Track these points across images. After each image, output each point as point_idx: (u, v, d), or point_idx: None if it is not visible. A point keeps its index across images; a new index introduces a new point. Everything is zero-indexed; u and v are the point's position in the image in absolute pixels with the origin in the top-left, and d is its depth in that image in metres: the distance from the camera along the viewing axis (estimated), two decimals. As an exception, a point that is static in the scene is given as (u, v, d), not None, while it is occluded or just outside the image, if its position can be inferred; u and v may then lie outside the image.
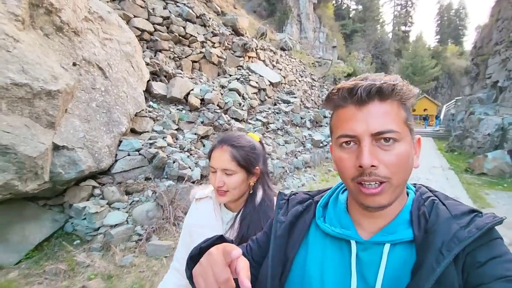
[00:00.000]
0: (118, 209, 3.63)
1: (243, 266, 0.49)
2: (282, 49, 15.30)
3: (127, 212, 3.67)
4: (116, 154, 3.95)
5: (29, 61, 2.78)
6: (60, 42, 3.39)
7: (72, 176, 3.24)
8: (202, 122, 5.79)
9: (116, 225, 3.45)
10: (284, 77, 11.06)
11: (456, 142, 13.19)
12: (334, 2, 44.25)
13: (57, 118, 3.01)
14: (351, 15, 46.82)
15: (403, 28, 51.94)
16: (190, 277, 0.65)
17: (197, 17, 7.71)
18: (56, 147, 3.06)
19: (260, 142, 1.16)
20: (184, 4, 7.52)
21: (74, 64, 3.51)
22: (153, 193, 3.96)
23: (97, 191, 3.65)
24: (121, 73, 4.33)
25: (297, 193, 0.79)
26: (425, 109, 31.75)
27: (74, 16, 3.61)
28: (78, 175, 3.31)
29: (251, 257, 0.74)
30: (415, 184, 0.69)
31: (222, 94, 6.98)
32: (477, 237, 0.52)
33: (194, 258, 0.67)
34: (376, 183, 0.55)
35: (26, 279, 2.76)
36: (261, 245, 0.75)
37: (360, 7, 48.17)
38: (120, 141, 4.07)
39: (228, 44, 8.85)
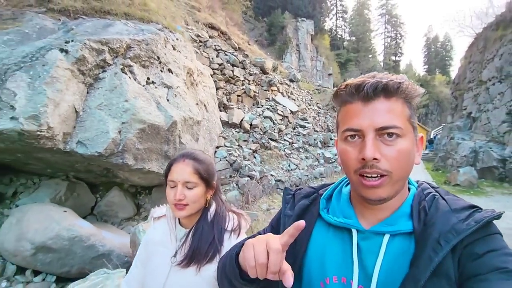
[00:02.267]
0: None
1: (288, 267, 0.55)
2: (291, 80, 17.95)
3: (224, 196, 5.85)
4: (214, 159, 6.17)
5: (190, 104, 5.09)
6: (191, 91, 5.72)
7: (202, 170, 5.47)
8: (252, 141, 8.06)
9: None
10: (298, 106, 13.50)
11: (440, 162, 15.45)
12: (330, 33, 48.35)
13: (199, 136, 5.28)
14: (345, 45, 50.83)
15: (393, 58, 55.73)
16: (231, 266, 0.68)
17: (239, 62, 10.20)
18: (197, 153, 5.31)
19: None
20: (231, 53, 10.05)
21: (197, 104, 5.83)
22: (236, 185, 6.17)
23: (206, 182, 5.84)
24: (212, 108, 6.66)
25: (302, 188, 0.82)
26: (415, 134, 34.47)
27: (195, 74, 5.97)
28: (203, 170, 5.54)
29: None
30: (417, 181, 0.72)
31: (260, 120, 9.32)
32: (475, 230, 0.53)
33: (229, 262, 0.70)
34: (377, 176, 0.58)
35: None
36: None
37: (353, 38, 52.32)
38: (215, 151, 6.31)
39: (258, 81, 11.32)
